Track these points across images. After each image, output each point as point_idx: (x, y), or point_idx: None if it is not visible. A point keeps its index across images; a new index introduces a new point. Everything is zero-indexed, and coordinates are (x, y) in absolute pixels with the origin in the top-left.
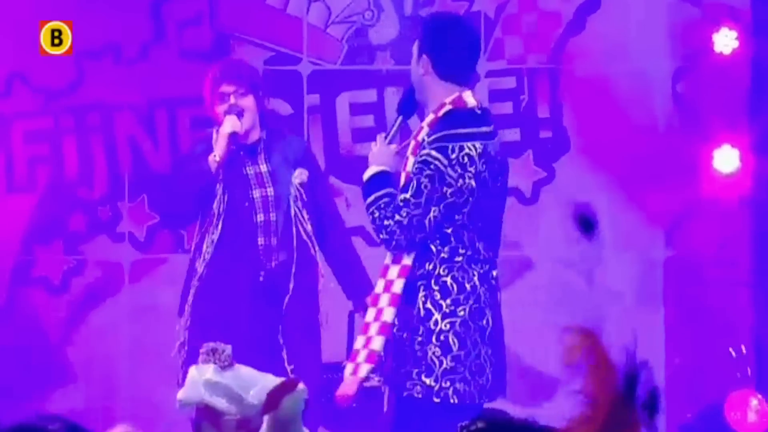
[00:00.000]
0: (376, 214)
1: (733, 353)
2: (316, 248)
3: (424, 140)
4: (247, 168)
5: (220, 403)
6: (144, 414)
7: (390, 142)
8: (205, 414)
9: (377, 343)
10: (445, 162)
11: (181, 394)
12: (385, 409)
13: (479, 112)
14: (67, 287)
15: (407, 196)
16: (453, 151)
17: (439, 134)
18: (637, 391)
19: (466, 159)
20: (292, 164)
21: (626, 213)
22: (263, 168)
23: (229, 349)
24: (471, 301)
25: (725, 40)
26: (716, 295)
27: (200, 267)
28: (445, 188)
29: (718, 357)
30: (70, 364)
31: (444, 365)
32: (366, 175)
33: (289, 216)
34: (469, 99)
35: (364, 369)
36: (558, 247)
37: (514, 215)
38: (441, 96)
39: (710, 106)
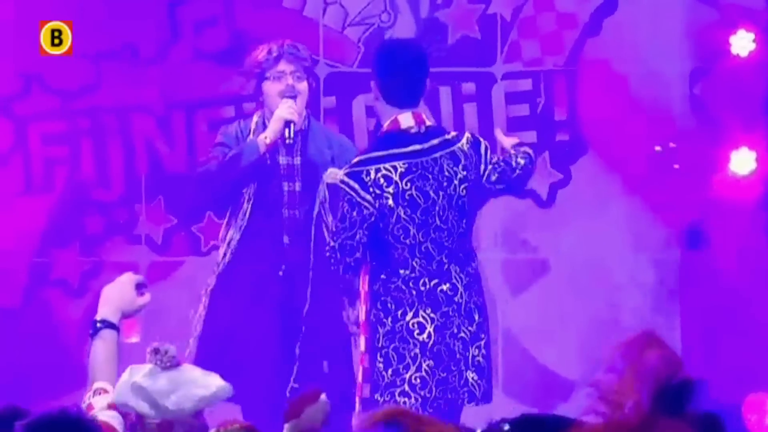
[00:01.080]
0: (329, 241)
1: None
2: None
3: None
4: (281, 157)
5: (141, 406)
6: None
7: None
8: (136, 416)
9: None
10: (356, 186)
11: (112, 395)
12: None
13: (414, 131)
14: (84, 289)
15: (336, 221)
16: (367, 174)
17: (357, 159)
18: (684, 404)
19: (382, 180)
20: (328, 162)
21: (643, 215)
22: (297, 160)
23: (172, 349)
24: (409, 317)
25: (742, 42)
26: (733, 296)
27: (225, 256)
28: (363, 210)
29: (735, 358)
30: (86, 367)
31: (386, 379)
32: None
33: (311, 215)
34: (405, 121)
35: (366, 390)
36: (575, 250)
37: (530, 218)
38: (384, 120)
39: (727, 108)
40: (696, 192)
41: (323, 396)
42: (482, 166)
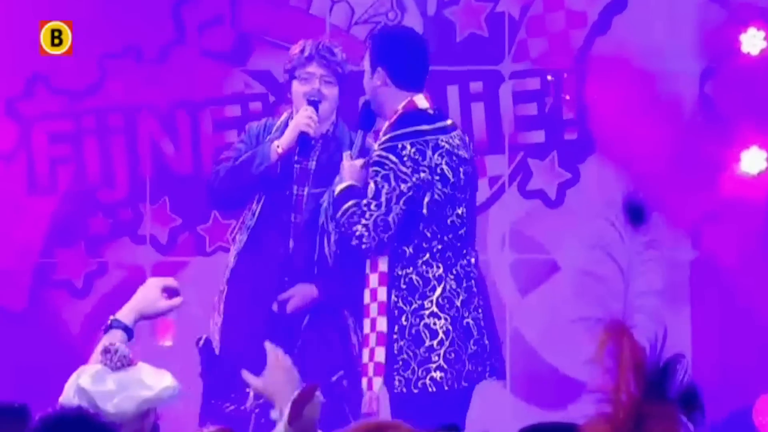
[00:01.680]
0: (346, 224)
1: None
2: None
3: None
4: (296, 160)
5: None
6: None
7: (356, 158)
8: None
9: (380, 354)
10: (396, 159)
11: (61, 397)
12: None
13: (432, 112)
14: (89, 290)
15: (368, 199)
16: (403, 148)
17: (388, 135)
18: (667, 389)
19: (417, 154)
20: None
21: (653, 214)
22: (311, 164)
23: (122, 348)
24: (438, 293)
25: (753, 41)
26: (743, 296)
27: (233, 259)
28: (401, 184)
29: (746, 360)
30: None
31: (418, 357)
32: (336, 193)
33: (316, 224)
34: (421, 102)
35: (377, 383)
36: (584, 250)
37: (539, 218)
38: (396, 104)
39: (738, 107)
40: (706, 192)
41: (317, 391)
42: None
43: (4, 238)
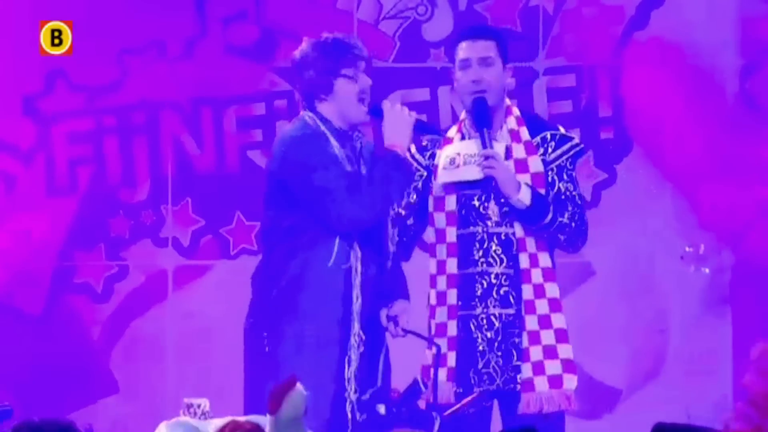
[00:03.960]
0: (577, 230)
1: None
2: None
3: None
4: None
5: None
6: None
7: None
8: None
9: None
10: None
11: None
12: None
13: None
14: (109, 294)
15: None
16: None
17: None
18: None
19: None
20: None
21: (691, 215)
22: (362, 169)
23: (204, 403)
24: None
25: None
26: None
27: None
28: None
29: None
30: (112, 374)
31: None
32: (527, 203)
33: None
34: None
35: (571, 381)
36: (620, 253)
37: None
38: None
39: None
40: (747, 191)
41: (299, 384)
42: None
43: (22, 241)
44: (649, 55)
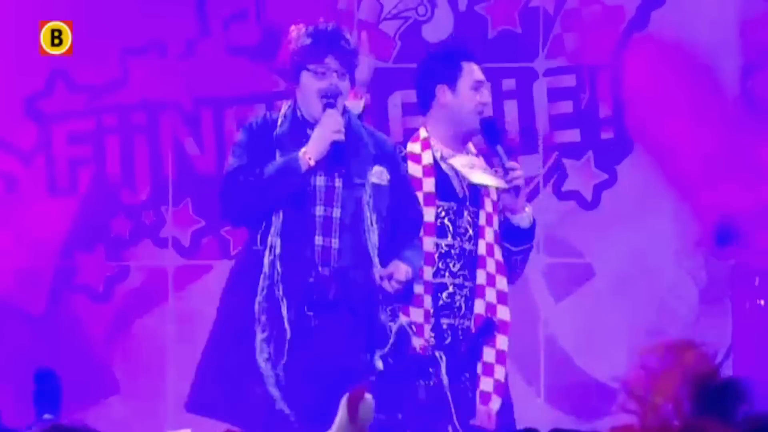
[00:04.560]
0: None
1: None
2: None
3: None
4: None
5: None
6: (189, 425)
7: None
8: None
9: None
10: None
11: None
12: None
13: None
14: (109, 294)
15: None
16: None
17: None
18: (730, 410)
19: None
20: (371, 160)
21: (692, 216)
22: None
23: None
24: None
25: None
26: None
27: (265, 259)
28: None
29: None
30: (113, 374)
31: None
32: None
33: (360, 218)
34: None
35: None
36: (620, 254)
37: (574, 221)
38: None
39: None
40: (748, 192)
41: (368, 393)
42: None
43: (23, 241)
44: (650, 56)
